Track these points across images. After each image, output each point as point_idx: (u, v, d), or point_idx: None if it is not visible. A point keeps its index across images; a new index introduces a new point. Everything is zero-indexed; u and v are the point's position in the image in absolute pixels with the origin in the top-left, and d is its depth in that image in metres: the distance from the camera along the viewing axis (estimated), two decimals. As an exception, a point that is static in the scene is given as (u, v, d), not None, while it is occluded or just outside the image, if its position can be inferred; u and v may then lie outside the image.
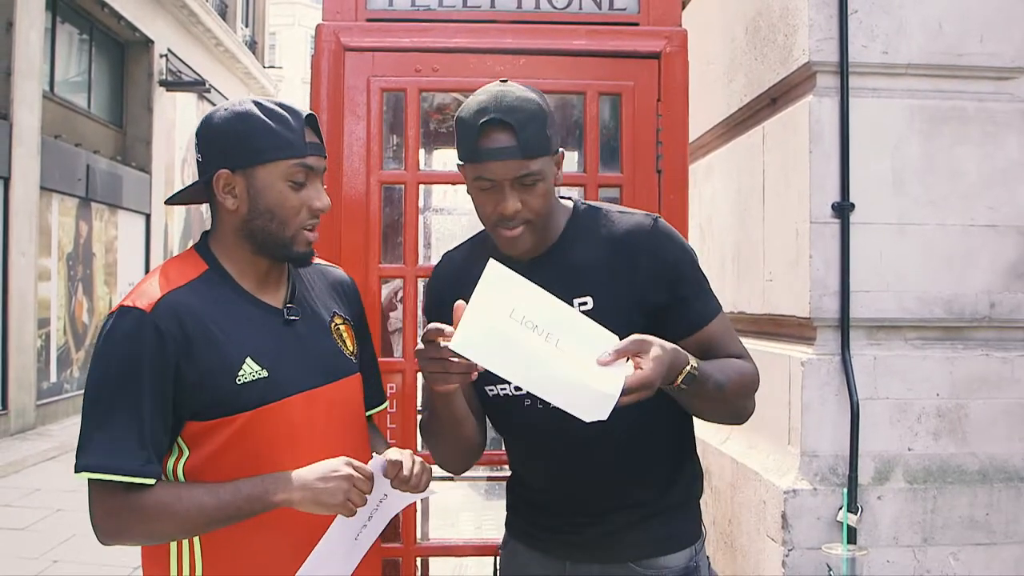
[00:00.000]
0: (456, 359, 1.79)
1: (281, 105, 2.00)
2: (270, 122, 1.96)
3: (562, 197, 2.24)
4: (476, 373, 1.83)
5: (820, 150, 3.71)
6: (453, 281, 2.18)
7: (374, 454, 1.99)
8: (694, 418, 2.22)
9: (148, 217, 17.11)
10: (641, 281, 2.06)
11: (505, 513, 2.40)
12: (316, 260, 2.16)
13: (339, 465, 1.87)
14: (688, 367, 1.87)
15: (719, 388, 1.97)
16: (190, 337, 1.89)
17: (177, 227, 18.90)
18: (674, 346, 1.85)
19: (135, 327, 1.87)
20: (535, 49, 3.06)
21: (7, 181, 11.77)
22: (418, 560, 3.28)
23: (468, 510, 5.61)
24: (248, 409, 1.92)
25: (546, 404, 1.80)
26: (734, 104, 4.66)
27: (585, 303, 2.06)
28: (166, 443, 1.92)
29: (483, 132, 1.97)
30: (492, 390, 2.16)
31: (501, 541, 2.42)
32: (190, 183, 2.08)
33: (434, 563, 3.67)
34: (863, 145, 3.71)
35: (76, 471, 1.86)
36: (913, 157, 3.74)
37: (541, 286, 1.89)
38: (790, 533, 3.61)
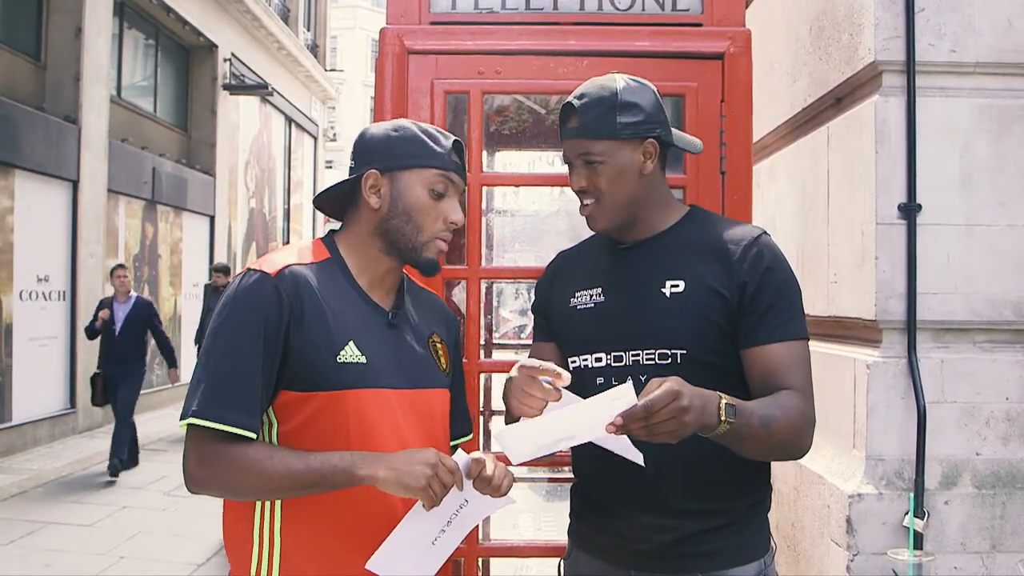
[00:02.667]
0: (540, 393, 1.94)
1: (434, 127, 2.18)
2: (422, 135, 2.13)
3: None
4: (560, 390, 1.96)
5: (886, 150, 3.66)
6: (554, 276, 2.43)
7: (459, 451, 2.05)
8: None
9: (212, 219, 17.38)
10: (728, 277, 2.12)
11: (568, 519, 2.38)
12: (422, 287, 2.34)
13: (427, 453, 1.93)
14: (722, 400, 1.86)
15: (765, 425, 1.94)
16: (304, 306, 2.01)
17: (240, 228, 19.15)
18: (698, 389, 1.84)
19: (257, 286, 2.00)
20: (598, 51, 3.05)
21: (76, 184, 12.02)
22: (479, 560, 3.29)
23: (528, 511, 5.62)
24: (340, 388, 2.00)
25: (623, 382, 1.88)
26: (797, 104, 4.61)
27: (677, 285, 2.16)
28: (266, 403, 2.00)
29: (561, 115, 2.22)
30: (575, 362, 2.26)
31: (566, 550, 2.40)
32: (338, 181, 2.21)
33: (495, 564, 3.68)
34: (930, 145, 3.66)
35: (181, 418, 1.97)
36: (981, 157, 3.68)
37: (641, 266, 2.20)
38: (855, 538, 3.57)
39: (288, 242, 22.67)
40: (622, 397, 1.78)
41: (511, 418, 2.13)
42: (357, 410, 2.01)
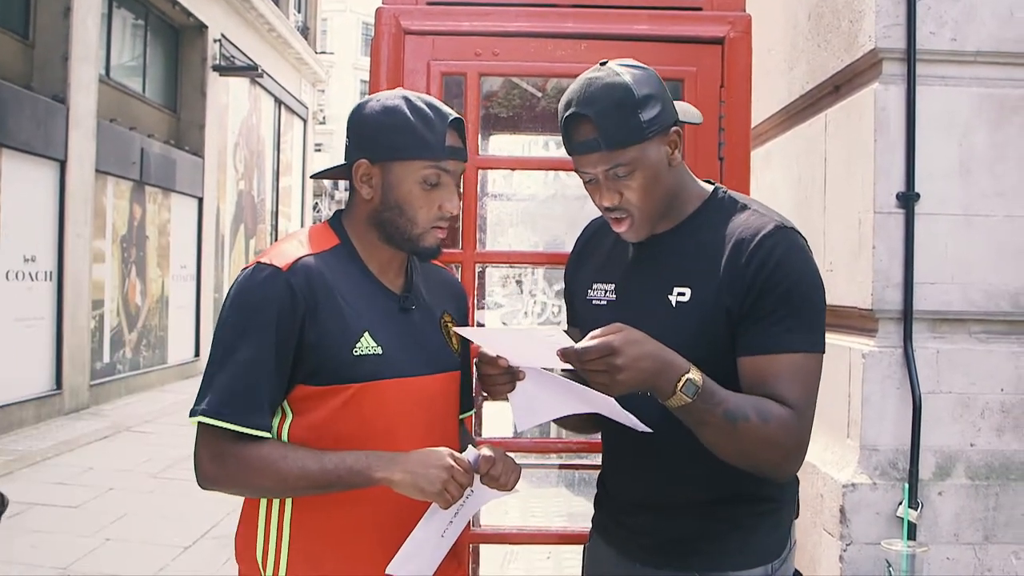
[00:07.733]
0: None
1: (430, 105, 2.04)
2: (414, 120, 2.00)
3: (706, 181, 2.17)
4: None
5: (885, 139, 3.64)
6: (579, 256, 2.30)
7: (469, 446, 2.03)
8: None
9: (200, 200, 17.27)
10: (737, 282, 1.93)
11: (592, 510, 2.35)
12: (431, 263, 2.26)
13: (442, 455, 1.91)
14: (687, 375, 1.76)
15: (730, 420, 1.80)
16: (317, 300, 1.97)
17: (229, 210, 19.06)
18: (667, 350, 1.79)
19: (270, 281, 1.95)
20: (596, 33, 3.01)
21: (63, 164, 11.92)
22: (470, 547, 3.27)
23: (515, 497, 5.59)
24: (358, 381, 1.98)
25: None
26: (795, 91, 4.58)
27: (683, 294, 2.00)
28: (280, 400, 1.98)
29: (568, 127, 1.98)
30: None
31: (588, 536, 2.35)
32: (336, 164, 2.15)
33: (484, 549, 3.67)
34: (929, 134, 3.64)
35: (191, 415, 1.94)
36: (981, 146, 3.66)
37: (652, 269, 2.05)
38: (848, 528, 3.55)
39: (276, 225, 22.61)
40: (554, 336, 1.79)
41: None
42: (374, 402, 1.99)
